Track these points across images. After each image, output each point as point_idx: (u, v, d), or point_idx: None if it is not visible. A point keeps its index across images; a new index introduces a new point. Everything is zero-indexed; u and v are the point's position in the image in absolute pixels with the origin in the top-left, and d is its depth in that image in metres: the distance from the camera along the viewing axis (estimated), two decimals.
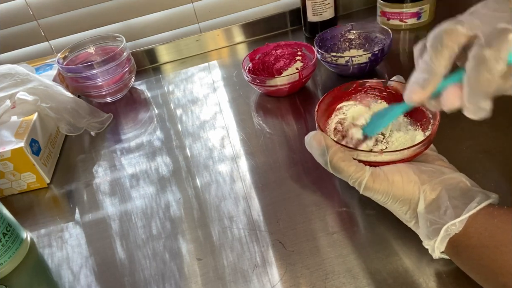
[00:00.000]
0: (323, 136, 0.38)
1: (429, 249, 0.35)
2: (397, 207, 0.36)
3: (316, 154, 0.39)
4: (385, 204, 0.37)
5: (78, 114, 0.64)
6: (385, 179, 0.35)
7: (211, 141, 0.58)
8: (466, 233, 0.32)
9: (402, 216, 0.37)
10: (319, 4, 0.73)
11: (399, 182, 0.35)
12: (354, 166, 0.36)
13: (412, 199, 0.35)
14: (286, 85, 0.61)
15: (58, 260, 0.46)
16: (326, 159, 0.37)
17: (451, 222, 0.32)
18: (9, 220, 0.46)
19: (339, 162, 0.36)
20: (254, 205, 0.47)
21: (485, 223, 0.31)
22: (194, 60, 0.82)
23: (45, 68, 0.73)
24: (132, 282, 0.42)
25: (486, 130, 0.49)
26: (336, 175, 0.38)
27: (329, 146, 0.37)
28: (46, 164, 0.57)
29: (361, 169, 0.36)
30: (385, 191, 0.35)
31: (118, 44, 0.73)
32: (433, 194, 0.34)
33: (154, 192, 0.52)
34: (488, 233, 0.31)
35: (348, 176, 0.37)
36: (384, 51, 0.61)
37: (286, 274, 0.39)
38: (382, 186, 0.35)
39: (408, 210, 0.35)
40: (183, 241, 0.45)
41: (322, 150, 0.37)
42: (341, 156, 0.37)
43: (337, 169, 0.37)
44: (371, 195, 0.37)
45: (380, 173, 0.36)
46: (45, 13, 0.76)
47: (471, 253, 0.31)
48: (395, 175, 0.35)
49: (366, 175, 0.36)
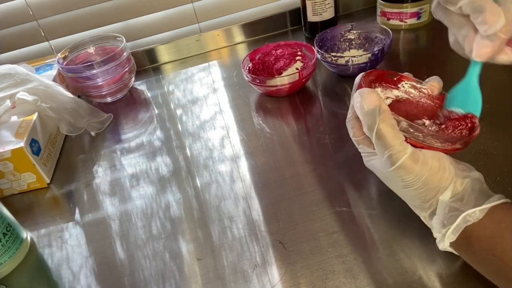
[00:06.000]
0: (380, 96, 0.35)
1: (438, 239, 0.35)
2: (422, 193, 0.35)
3: (364, 111, 0.35)
4: (408, 187, 0.35)
5: (78, 114, 0.64)
6: (425, 162, 0.34)
7: (211, 141, 0.58)
8: (482, 223, 0.32)
9: (420, 204, 0.36)
10: (319, 4, 0.73)
11: (436, 168, 0.34)
12: (400, 138, 0.34)
13: (441, 188, 0.34)
14: (286, 85, 0.61)
15: (58, 260, 0.46)
16: (376, 120, 0.34)
17: (471, 210, 0.32)
18: (9, 220, 0.46)
19: (388, 128, 0.34)
20: (254, 205, 0.47)
21: (503, 216, 0.32)
22: (194, 60, 0.82)
23: (45, 68, 0.73)
24: (132, 282, 0.42)
25: (486, 130, 0.49)
26: (376, 142, 0.35)
27: (383, 109, 0.35)
28: (46, 164, 0.57)
29: (405, 145, 0.34)
30: (420, 173, 0.34)
31: (118, 44, 0.73)
32: (460, 187, 0.34)
33: (154, 192, 0.52)
34: (505, 224, 0.31)
35: (389, 147, 0.34)
36: (384, 51, 0.61)
37: (286, 274, 0.39)
38: (419, 169, 0.34)
39: (432, 198, 0.35)
40: (183, 241, 0.45)
41: (374, 109, 0.35)
42: (392, 123, 0.34)
43: (382, 134, 0.34)
44: (401, 174, 0.34)
45: (420, 155, 0.34)
46: (45, 13, 0.76)
47: (484, 243, 0.32)
48: (434, 160, 0.34)
49: (408, 152, 0.34)
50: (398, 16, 0.74)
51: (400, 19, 0.74)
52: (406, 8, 0.73)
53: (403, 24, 0.74)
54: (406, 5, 0.72)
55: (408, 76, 0.43)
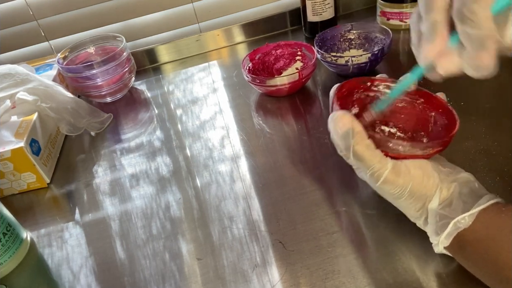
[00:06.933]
0: (352, 118, 0.35)
1: (434, 244, 0.35)
2: (411, 203, 0.35)
3: (338, 136, 0.36)
4: (398, 199, 0.35)
5: (78, 114, 0.64)
6: (407, 173, 0.34)
7: (211, 141, 0.59)
8: (474, 227, 0.32)
9: (412, 213, 0.36)
10: (319, 4, 0.73)
11: (420, 177, 0.34)
12: (378, 156, 0.34)
13: (428, 196, 0.34)
14: (286, 85, 0.61)
15: (58, 260, 0.46)
16: (349, 143, 0.35)
17: (461, 216, 0.32)
18: (9, 220, 0.46)
19: (364, 149, 0.34)
20: (254, 205, 0.47)
21: (493, 217, 0.31)
22: (194, 60, 0.82)
23: (45, 68, 0.73)
24: (132, 282, 0.42)
25: (486, 130, 0.49)
26: (355, 163, 0.36)
27: (357, 131, 0.35)
28: (46, 164, 0.57)
29: (384, 160, 0.34)
30: (404, 185, 0.34)
31: (118, 44, 0.73)
32: (447, 192, 0.34)
33: (154, 192, 0.52)
34: (495, 226, 0.31)
35: (369, 166, 0.34)
36: (384, 51, 0.61)
37: (286, 274, 0.39)
38: (403, 180, 0.34)
39: (422, 207, 0.35)
40: (183, 241, 0.45)
41: (347, 133, 0.35)
42: (366, 144, 0.34)
43: (360, 156, 0.34)
44: (388, 189, 0.35)
45: (402, 166, 0.34)
46: (45, 13, 0.76)
47: (476, 246, 0.32)
48: (416, 169, 0.34)
49: (388, 167, 0.34)
50: (398, 16, 0.74)
51: (400, 19, 0.74)
52: (406, 8, 0.73)
53: (403, 24, 0.74)
54: (406, 5, 0.72)
55: (381, 78, 0.43)
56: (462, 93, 0.54)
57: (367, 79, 0.43)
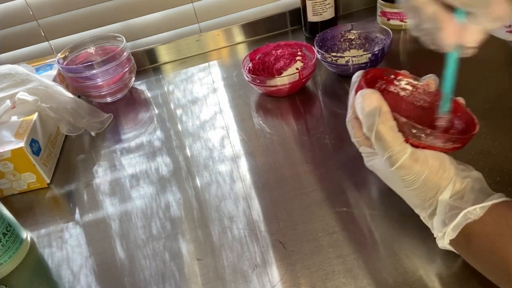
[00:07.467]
0: (381, 97, 0.35)
1: (438, 237, 0.35)
2: (422, 192, 0.35)
3: (364, 112, 0.35)
4: (409, 186, 0.35)
5: (78, 114, 0.64)
6: (425, 162, 0.34)
7: (211, 141, 0.58)
8: (482, 220, 0.32)
9: (420, 203, 0.36)
10: (319, 4, 0.73)
11: (436, 168, 0.34)
12: (400, 139, 0.34)
13: (441, 187, 0.34)
14: (286, 85, 0.61)
15: (58, 260, 0.46)
16: (375, 121, 0.34)
17: (472, 207, 0.32)
18: (9, 220, 0.46)
19: (387, 130, 0.34)
20: (254, 205, 0.47)
21: (503, 213, 0.32)
22: (194, 60, 0.82)
23: (45, 68, 0.73)
24: (132, 282, 0.42)
25: (486, 130, 0.49)
26: (375, 143, 0.35)
27: (383, 111, 0.34)
28: (46, 164, 0.57)
29: (404, 145, 0.34)
30: (420, 173, 0.34)
31: (118, 44, 0.73)
32: (460, 186, 0.34)
33: (154, 192, 0.52)
34: (505, 222, 0.31)
35: (388, 148, 0.34)
36: (384, 51, 0.61)
37: (286, 274, 0.39)
38: (420, 168, 0.34)
39: (432, 197, 0.35)
40: (183, 241, 0.45)
41: (374, 110, 0.35)
42: (391, 125, 0.34)
43: (381, 136, 0.34)
44: (402, 174, 0.35)
45: (420, 155, 0.34)
46: (45, 13, 0.76)
47: (483, 241, 0.32)
48: (435, 160, 0.34)
49: (408, 152, 0.34)
50: (398, 16, 0.74)
51: (400, 19, 0.74)
52: None
53: (403, 24, 0.74)
54: None
55: (405, 73, 0.43)
56: (462, 93, 0.54)
57: (392, 72, 0.43)
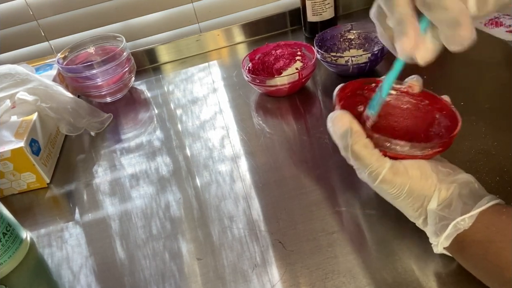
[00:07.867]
0: (350, 118, 0.35)
1: (433, 245, 0.35)
2: (409, 203, 0.35)
3: (337, 135, 0.36)
4: (396, 198, 0.35)
5: (78, 114, 0.64)
6: (405, 173, 0.34)
7: (211, 141, 0.59)
8: (473, 228, 0.32)
9: (411, 213, 0.36)
10: (319, 4, 0.73)
11: (418, 177, 0.34)
12: (376, 155, 0.35)
13: (427, 196, 0.34)
14: (286, 85, 0.61)
15: (58, 260, 0.46)
16: (348, 142, 0.35)
17: (460, 217, 0.32)
18: (9, 220, 0.46)
19: (361, 148, 0.35)
20: (254, 205, 0.47)
21: (493, 219, 0.31)
22: (194, 60, 0.82)
23: (45, 68, 0.73)
24: (132, 282, 0.42)
25: (486, 130, 0.49)
26: (353, 162, 0.36)
27: (354, 131, 0.35)
28: (46, 164, 0.57)
29: (382, 160, 0.35)
30: (402, 185, 0.34)
31: (118, 44, 0.73)
32: (446, 193, 0.34)
33: (154, 192, 0.52)
34: (495, 228, 0.31)
35: (367, 165, 0.35)
36: (384, 51, 0.61)
37: (286, 274, 0.39)
38: (401, 180, 0.34)
39: (420, 207, 0.35)
40: (183, 241, 0.45)
41: (345, 132, 0.35)
42: (364, 143, 0.35)
43: (357, 155, 0.35)
44: (386, 188, 0.35)
45: (400, 166, 0.34)
46: (45, 13, 0.76)
47: (476, 248, 0.31)
48: (414, 169, 0.34)
49: (386, 166, 0.34)
50: None
51: None
52: None
53: None
54: None
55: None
56: (462, 93, 0.54)
57: (373, 80, 0.43)
